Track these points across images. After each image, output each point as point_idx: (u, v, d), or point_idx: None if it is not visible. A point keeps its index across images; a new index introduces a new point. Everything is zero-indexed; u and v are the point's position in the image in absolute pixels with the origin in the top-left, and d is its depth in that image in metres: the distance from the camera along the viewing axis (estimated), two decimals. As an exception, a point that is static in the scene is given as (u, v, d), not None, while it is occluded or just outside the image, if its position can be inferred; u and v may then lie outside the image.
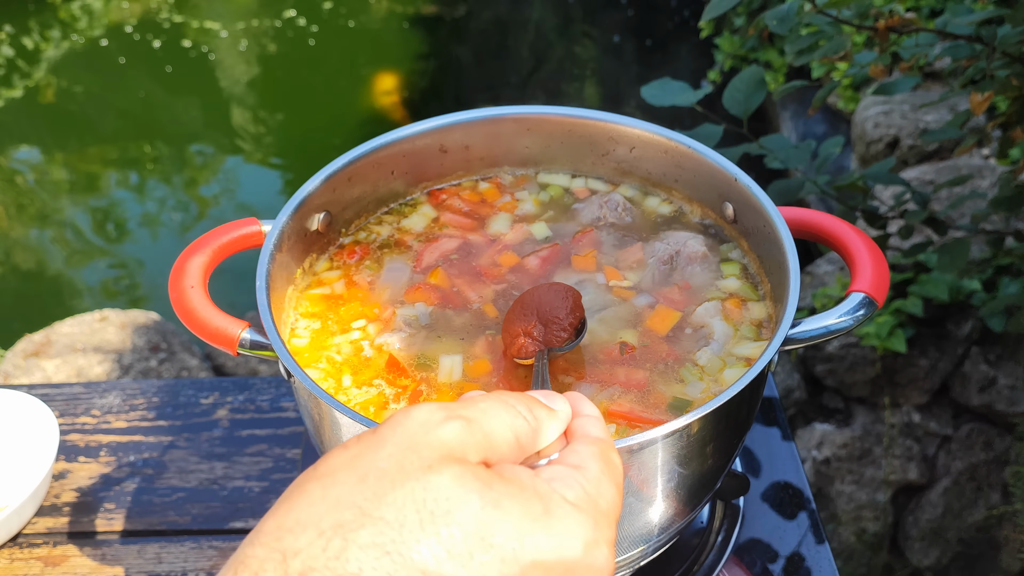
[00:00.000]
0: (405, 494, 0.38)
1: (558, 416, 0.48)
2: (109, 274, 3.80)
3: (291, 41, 5.37)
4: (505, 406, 0.45)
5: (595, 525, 0.42)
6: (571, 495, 0.43)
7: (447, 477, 0.39)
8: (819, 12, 1.35)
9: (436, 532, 0.38)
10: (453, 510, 0.38)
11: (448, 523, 0.38)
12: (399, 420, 0.42)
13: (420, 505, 0.38)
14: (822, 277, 2.72)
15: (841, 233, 0.82)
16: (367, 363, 0.83)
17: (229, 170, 4.46)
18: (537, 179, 1.03)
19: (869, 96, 3.30)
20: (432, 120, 0.96)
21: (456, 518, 0.38)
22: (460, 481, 0.39)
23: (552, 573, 0.40)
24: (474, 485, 0.39)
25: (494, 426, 0.44)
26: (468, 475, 0.40)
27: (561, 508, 0.41)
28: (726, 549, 0.95)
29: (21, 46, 5.29)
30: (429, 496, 0.38)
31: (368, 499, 0.38)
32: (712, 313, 0.85)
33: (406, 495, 0.38)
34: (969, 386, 2.34)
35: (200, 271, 0.81)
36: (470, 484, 0.39)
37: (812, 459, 2.41)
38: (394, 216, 0.99)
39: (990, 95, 1.37)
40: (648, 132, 0.95)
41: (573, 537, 0.41)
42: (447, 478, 0.39)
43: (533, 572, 0.39)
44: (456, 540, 0.38)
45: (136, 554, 1.04)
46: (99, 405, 1.23)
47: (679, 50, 4.95)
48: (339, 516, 0.38)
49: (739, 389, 0.68)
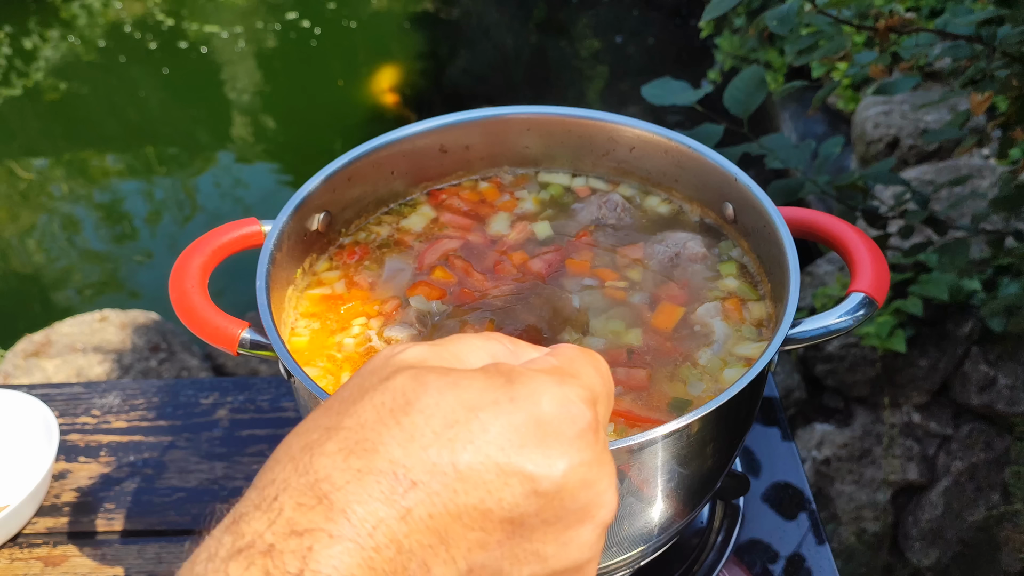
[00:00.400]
0: (364, 404, 0.39)
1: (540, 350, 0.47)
2: (109, 274, 3.80)
3: (291, 42, 5.37)
4: (483, 335, 0.45)
5: (559, 381, 0.41)
6: (537, 365, 0.43)
7: (402, 378, 0.40)
8: (819, 12, 1.35)
9: (397, 423, 0.38)
10: (411, 401, 0.38)
11: (407, 412, 0.38)
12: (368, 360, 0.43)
13: (378, 406, 0.39)
14: (822, 277, 2.72)
15: (841, 233, 0.82)
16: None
17: (229, 170, 4.46)
18: (537, 179, 1.03)
19: (869, 96, 3.30)
20: (432, 120, 0.96)
21: (415, 407, 0.38)
22: (415, 377, 0.40)
23: (523, 431, 0.39)
24: (429, 377, 0.40)
25: (462, 347, 0.44)
26: (423, 372, 0.40)
27: (524, 375, 0.41)
28: (726, 549, 0.95)
29: (20, 46, 5.28)
30: (387, 397, 0.39)
31: (332, 418, 0.39)
32: (712, 313, 0.85)
33: (365, 404, 0.39)
34: (969, 386, 2.34)
35: (200, 271, 0.81)
36: (425, 376, 0.40)
37: (812, 459, 2.41)
38: (394, 216, 0.99)
39: (990, 95, 1.37)
40: (648, 132, 0.95)
41: (536, 394, 0.40)
42: (402, 379, 0.40)
43: (503, 434, 0.38)
44: (419, 424, 0.38)
45: (136, 554, 1.04)
46: (99, 405, 1.23)
47: (681, 50, 4.95)
48: (307, 439, 0.39)
49: (739, 389, 0.68)
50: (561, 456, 0.39)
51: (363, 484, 0.36)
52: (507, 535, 0.39)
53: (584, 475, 0.40)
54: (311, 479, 0.37)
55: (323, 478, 0.37)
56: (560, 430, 0.39)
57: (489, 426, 0.38)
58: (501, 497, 0.38)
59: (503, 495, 0.38)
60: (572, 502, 0.39)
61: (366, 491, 0.36)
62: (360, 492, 0.36)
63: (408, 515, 0.37)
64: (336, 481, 0.37)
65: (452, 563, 0.38)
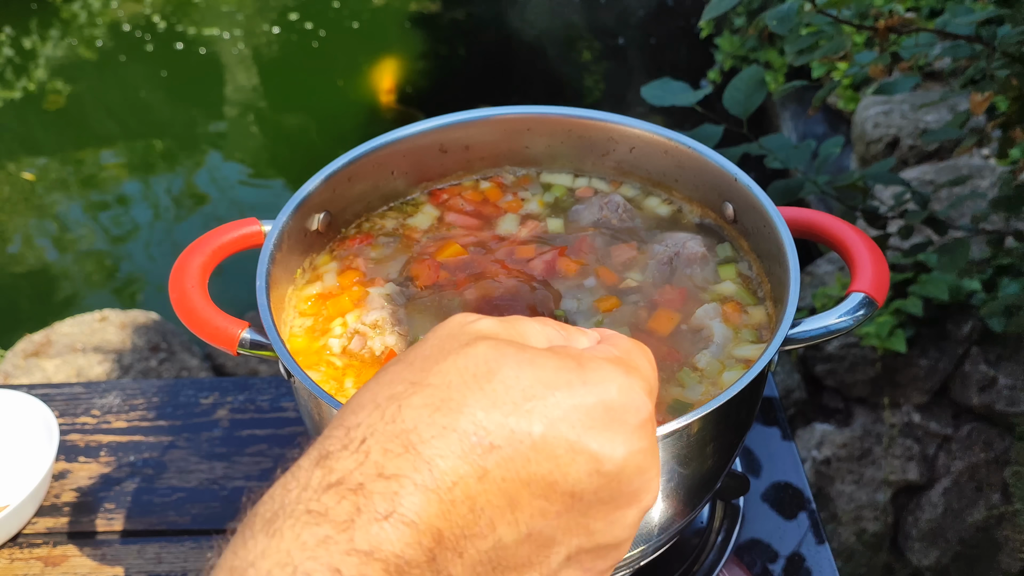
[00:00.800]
0: (448, 365, 0.42)
1: (588, 334, 0.50)
2: (109, 274, 3.80)
3: (292, 42, 5.37)
4: (538, 320, 0.49)
5: (626, 372, 0.44)
6: (602, 353, 0.46)
7: (483, 347, 0.42)
8: (819, 12, 1.35)
9: (480, 388, 0.40)
10: (493, 370, 0.41)
11: (490, 379, 0.41)
12: (440, 324, 0.46)
13: (462, 370, 0.41)
14: (822, 277, 2.72)
15: (841, 233, 0.82)
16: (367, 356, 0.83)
17: (229, 170, 4.46)
18: (540, 179, 1.03)
19: (869, 96, 3.30)
20: (431, 120, 0.96)
21: (496, 376, 0.41)
22: (495, 347, 0.42)
23: (594, 414, 0.42)
24: (508, 350, 0.42)
25: (526, 328, 0.47)
26: (502, 344, 0.43)
27: (593, 361, 0.44)
28: (726, 549, 0.95)
29: (21, 47, 5.28)
30: (470, 362, 0.42)
31: (416, 374, 0.42)
32: (712, 315, 0.85)
33: (449, 365, 0.42)
34: (969, 386, 2.34)
35: (200, 271, 0.81)
36: (504, 349, 0.42)
37: (812, 459, 2.41)
38: (397, 213, 0.99)
39: (990, 95, 1.37)
40: (648, 132, 0.95)
41: (607, 381, 0.43)
42: (483, 347, 0.42)
43: (575, 413, 0.41)
44: (499, 392, 0.40)
45: (136, 554, 1.04)
46: (99, 405, 1.23)
47: (683, 51, 4.95)
48: (392, 390, 0.41)
49: (739, 389, 0.68)
50: (623, 442, 0.42)
51: (447, 440, 0.39)
52: (566, 507, 0.41)
53: (640, 462, 0.43)
54: (398, 428, 0.39)
55: (410, 428, 0.39)
56: (624, 418, 0.43)
57: (563, 404, 0.41)
58: (567, 472, 0.40)
59: (569, 470, 0.41)
60: (627, 485, 0.43)
61: (449, 447, 0.39)
62: (444, 447, 0.39)
63: (485, 475, 0.39)
64: (423, 434, 0.39)
65: (515, 525, 0.40)
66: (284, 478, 0.39)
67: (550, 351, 0.44)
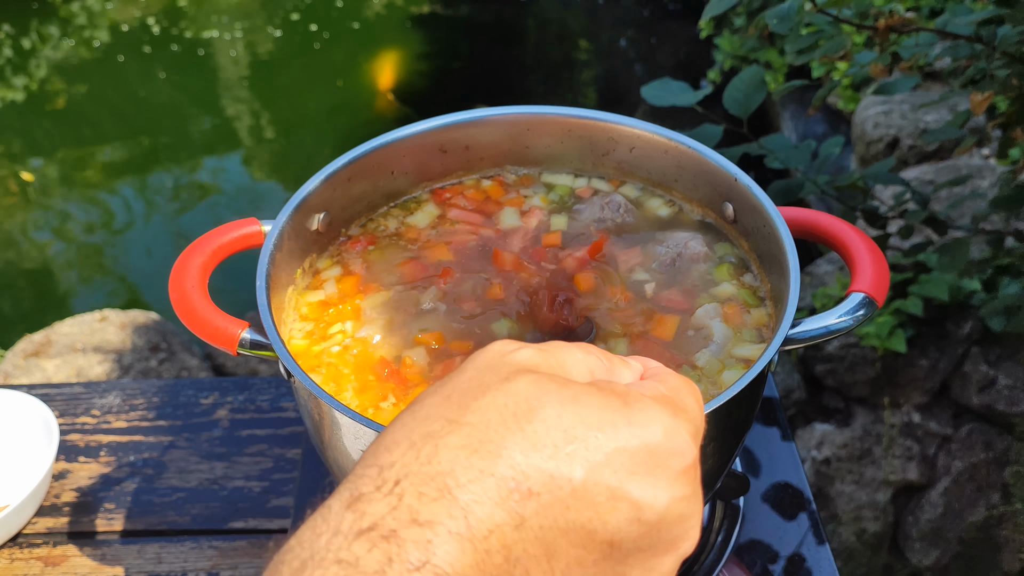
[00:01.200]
0: (487, 402, 0.40)
1: (631, 365, 0.49)
2: (109, 274, 3.80)
3: (292, 43, 5.37)
4: (580, 347, 0.47)
5: (673, 414, 0.42)
6: (648, 391, 0.44)
7: (524, 382, 0.41)
8: (819, 11, 1.35)
9: (520, 428, 0.39)
10: (534, 408, 0.39)
11: (530, 419, 0.39)
12: (478, 353, 0.44)
13: (502, 408, 0.40)
14: (822, 277, 2.72)
15: (841, 233, 0.82)
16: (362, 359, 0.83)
17: (229, 170, 4.46)
18: (542, 179, 1.03)
19: (869, 96, 3.30)
20: (431, 120, 0.96)
21: (538, 415, 0.39)
22: (537, 384, 0.41)
23: (637, 458, 0.40)
24: (551, 386, 0.41)
25: (567, 357, 0.45)
26: (544, 379, 0.41)
27: (639, 401, 0.42)
28: (726, 549, 0.95)
29: (20, 46, 5.28)
30: (509, 400, 0.40)
31: (453, 411, 0.40)
32: (712, 315, 0.85)
33: (488, 402, 0.40)
34: (969, 386, 2.34)
35: (200, 271, 0.81)
36: (546, 386, 0.41)
37: (812, 459, 2.41)
38: (400, 210, 0.99)
39: (990, 95, 1.37)
40: (648, 132, 0.95)
41: (652, 423, 0.41)
42: (524, 383, 0.41)
43: (618, 458, 0.39)
44: (540, 434, 0.39)
45: (136, 554, 1.04)
46: (99, 405, 1.23)
47: (683, 51, 4.95)
48: (428, 428, 0.39)
49: (739, 389, 0.68)
50: (667, 488, 0.40)
51: (484, 485, 0.37)
52: (603, 556, 0.40)
53: (682, 510, 0.41)
54: (434, 470, 0.38)
55: (447, 471, 0.38)
56: (668, 463, 0.41)
57: (605, 447, 0.39)
58: (607, 520, 0.39)
59: (609, 518, 0.39)
60: (667, 533, 0.41)
61: (486, 493, 0.37)
62: (481, 493, 0.37)
63: (523, 524, 0.37)
64: (459, 477, 0.37)
65: (550, 574, 0.38)
66: (313, 519, 0.38)
67: (595, 387, 0.42)
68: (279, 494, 1.10)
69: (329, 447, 0.76)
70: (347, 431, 0.71)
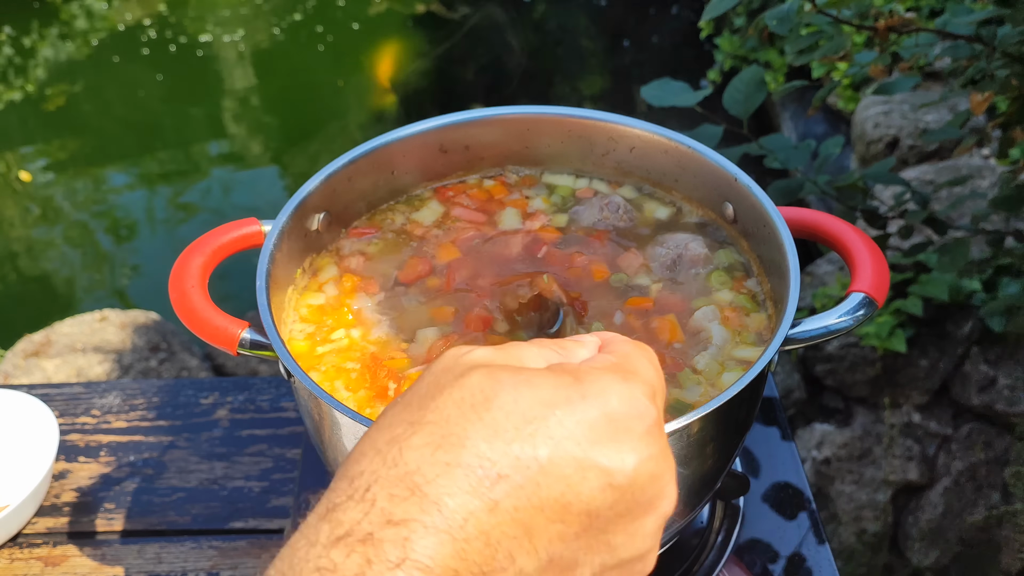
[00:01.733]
0: (444, 399, 0.41)
1: (585, 343, 0.50)
2: (109, 274, 3.80)
3: (293, 43, 5.37)
4: (534, 342, 0.48)
5: (624, 379, 0.43)
6: (598, 364, 0.45)
7: (477, 376, 0.42)
8: (819, 12, 1.35)
9: (479, 418, 0.40)
10: (490, 397, 0.40)
11: (488, 408, 0.40)
12: (435, 360, 0.46)
13: (459, 402, 0.41)
14: (822, 277, 2.72)
15: (841, 233, 0.82)
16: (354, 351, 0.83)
17: (229, 170, 4.46)
18: (543, 180, 1.03)
19: (869, 96, 3.30)
20: (431, 120, 0.96)
21: (494, 403, 0.40)
22: (490, 375, 0.42)
23: (598, 427, 0.41)
24: (503, 375, 0.42)
25: (523, 352, 0.46)
26: (496, 369, 0.42)
27: (590, 374, 0.43)
28: (726, 549, 0.95)
29: (21, 47, 5.28)
30: (466, 394, 0.41)
31: (414, 413, 0.41)
32: (710, 317, 0.85)
33: (445, 399, 0.41)
34: (969, 386, 2.34)
35: (200, 271, 0.81)
36: (499, 375, 0.42)
37: (812, 459, 2.41)
38: (404, 206, 0.99)
39: (990, 95, 1.37)
40: (648, 132, 0.95)
41: (606, 391, 0.42)
42: (477, 376, 0.42)
43: (579, 429, 0.40)
44: (499, 420, 0.40)
45: (136, 554, 1.04)
46: (99, 405, 1.23)
47: (682, 51, 4.95)
48: (392, 433, 0.41)
49: (739, 389, 0.68)
50: (632, 451, 0.41)
51: (452, 477, 0.38)
52: (584, 527, 0.40)
53: (652, 469, 0.42)
54: (401, 471, 0.39)
55: (414, 470, 0.38)
56: (629, 426, 0.42)
57: (565, 422, 0.40)
58: (580, 491, 0.40)
59: (581, 488, 0.40)
60: (641, 494, 0.42)
61: (456, 484, 0.38)
62: (450, 485, 0.38)
63: (496, 507, 0.38)
64: (427, 474, 0.38)
65: (535, 553, 0.39)
66: (294, 536, 0.39)
67: (547, 370, 0.43)
68: (279, 494, 1.10)
69: (329, 447, 0.76)
70: (347, 431, 0.71)
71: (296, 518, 1.05)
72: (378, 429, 0.42)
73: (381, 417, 0.43)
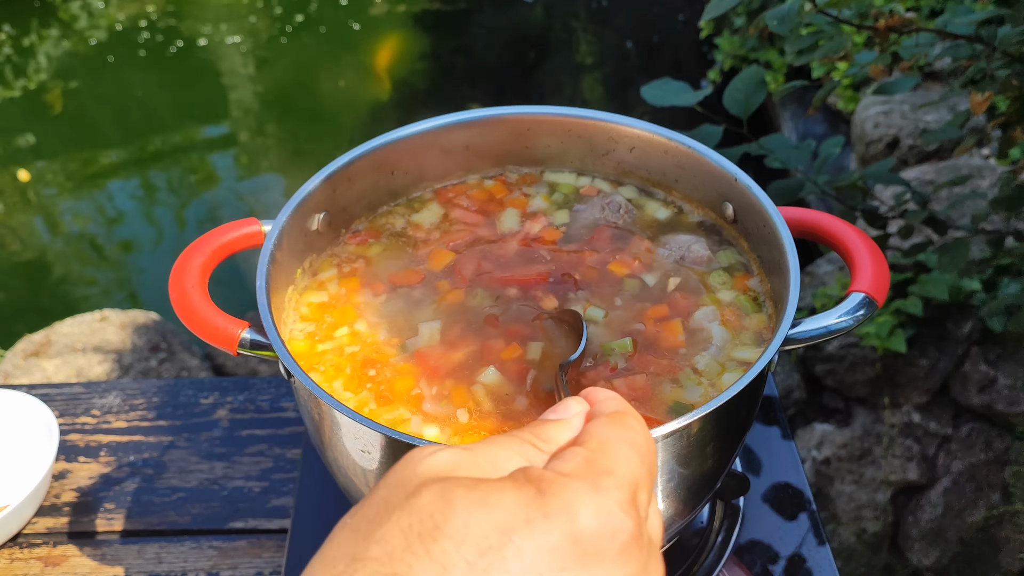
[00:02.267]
0: (391, 527, 0.36)
1: (570, 422, 0.45)
2: (109, 274, 3.80)
3: (293, 43, 5.37)
4: (510, 437, 0.43)
5: (594, 489, 0.38)
6: (567, 467, 0.39)
7: (428, 496, 0.37)
8: (819, 12, 1.35)
9: (427, 552, 0.35)
10: (439, 524, 0.36)
11: (436, 538, 0.35)
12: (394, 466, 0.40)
13: (407, 531, 0.36)
14: (822, 277, 2.72)
15: (841, 233, 0.82)
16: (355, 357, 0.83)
17: (230, 170, 4.46)
18: (544, 178, 1.03)
19: (869, 96, 3.30)
20: (431, 120, 0.96)
21: (444, 531, 0.35)
22: (442, 494, 0.37)
23: (562, 553, 0.36)
24: (456, 493, 0.37)
25: (497, 453, 0.41)
26: (450, 485, 0.37)
27: (554, 484, 0.37)
28: (726, 549, 0.95)
29: (20, 46, 5.28)
30: (414, 520, 0.36)
31: (357, 545, 0.36)
32: (710, 318, 0.85)
33: (392, 527, 0.36)
34: (969, 386, 2.34)
35: (200, 271, 0.81)
36: (452, 494, 0.37)
37: (812, 459, 2.41)
38: (404, 208, 0.99)
39: (990, 95, 1.37)
40: (648, 132, 0.95)
41: (571, 507, 0.37)
42: (428, 496, 0.37)
43: (540, 562, 0.35)
44: (449, 552, 0.35)
45: (136, 554, 1.04)
46: (99, 405, 1.23)
47: (683, 50, 4.95)
48: (332, 571, 0.36)
49: (739, 389, 0.68)
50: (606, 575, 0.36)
51: None
52: None
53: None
54: None
55: None
56: (601, 547, 0.37)
57: (524, 550, 0.35)
58: None
59: None
60: None
61: None
62: None
63: None
64: None
65: None
66: None
67: (509, 480, 0.38)
68: (279, 494, 1.10)
69: (329, 447, 0.76)
70: (347, 431, 0.71)
71: (296, 519, 1.05)
72: (322, 562, 0.37)
73: (327, 544, 0.38)
